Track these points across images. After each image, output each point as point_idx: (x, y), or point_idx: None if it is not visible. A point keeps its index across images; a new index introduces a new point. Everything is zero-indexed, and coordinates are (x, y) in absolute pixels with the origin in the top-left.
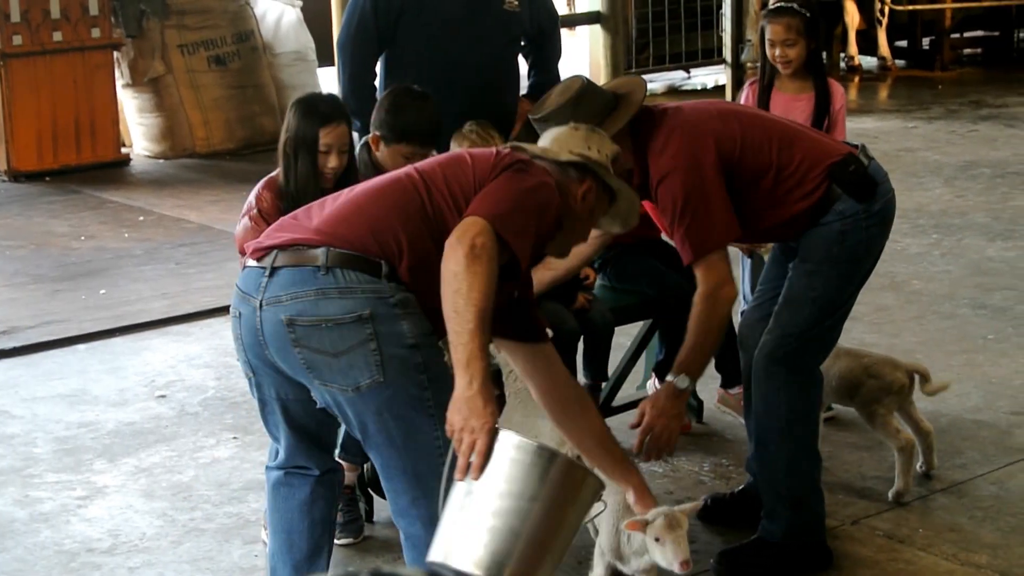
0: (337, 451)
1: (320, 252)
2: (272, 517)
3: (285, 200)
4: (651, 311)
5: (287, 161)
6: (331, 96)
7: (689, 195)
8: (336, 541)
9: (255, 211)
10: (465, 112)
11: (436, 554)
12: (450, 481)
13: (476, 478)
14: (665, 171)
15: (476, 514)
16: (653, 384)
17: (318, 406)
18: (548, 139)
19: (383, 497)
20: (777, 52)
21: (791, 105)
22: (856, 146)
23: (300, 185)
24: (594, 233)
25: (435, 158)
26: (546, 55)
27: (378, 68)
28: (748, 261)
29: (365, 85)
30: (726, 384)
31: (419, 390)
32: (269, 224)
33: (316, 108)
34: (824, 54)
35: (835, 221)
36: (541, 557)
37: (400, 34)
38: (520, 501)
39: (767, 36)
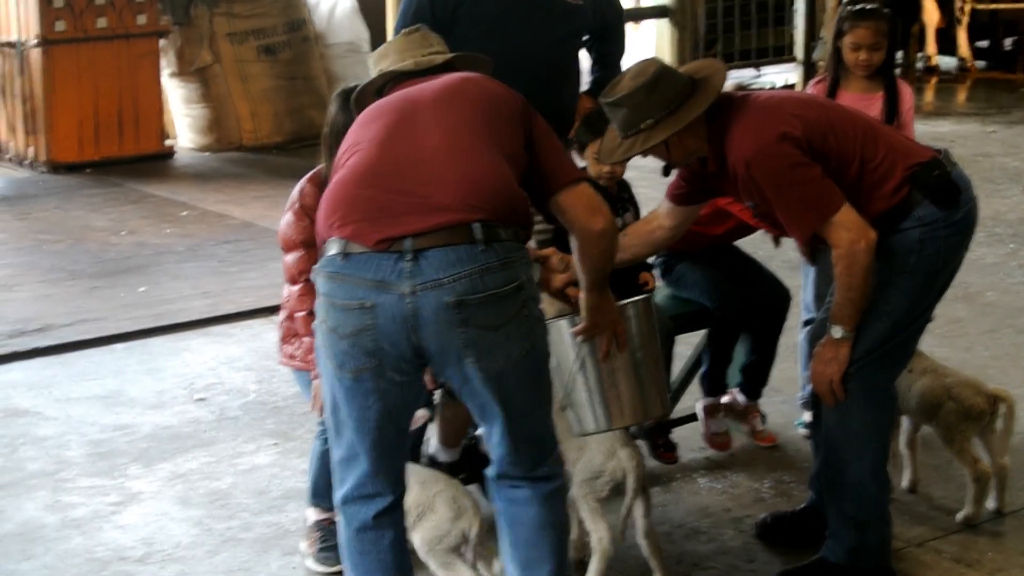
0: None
1: (475, 228)
2: (360, 560)
3: None
4: (712, 320)
5: (328, 154)
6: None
7: (783, 171)
8: (318, 567)
9: (298, 206)
10: None
11: (591, 426)
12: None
13: (623, 350)
14: (750, 154)
15: (625, 376)
16: (700, 409)
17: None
18: (399, 52)
19: None
20: (862, 57)
21: (860, 105)
22: (939, 151)
23: None
24: (644, 230)
25: (482, 104)
26: (609, 50)
27: None
28: (812, 269)
29: None
30: (748, 394)
31: (546, 351)
32: (312, 220)
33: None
34: (900, 53)
35: (914, 228)
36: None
37: (458, 26)
38: (641, 340)
39: (850, 40)
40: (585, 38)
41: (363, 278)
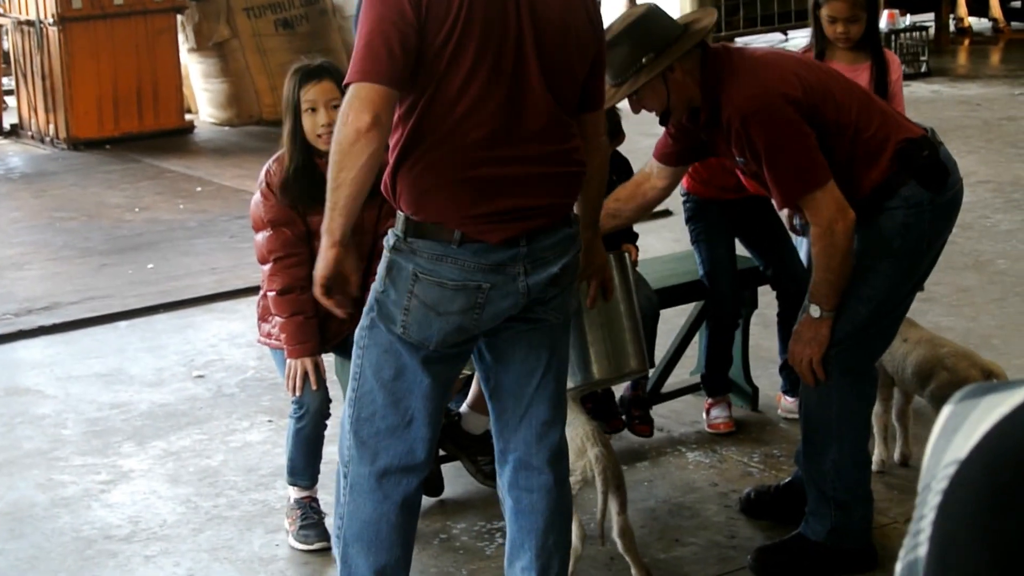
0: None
1: (571, 215)
2: (390, 534)
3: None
4: (700, 293)
5: (292, 130)
6: (326, 61)
7: (778, 133)
8: (299, 545)
9: (264, 185)
10: None
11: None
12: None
13: (610, 298)
14: (748, 108)
15: (613, 328)
16: (705, 414)
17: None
18: None
19: None
20: (839, 29)
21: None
22: (926, 129)
23: (289, 152)
24: (635, 192)
25: (582, 48)
26: None
27: None
28: (805, 241)
29: None
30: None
31: None
32: (277, 198)
33: (301, 70)
34: (934, 15)
35: (899, 208)
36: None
37: None
38: (624, 294)
39: (826, 12)
40: None
41: (480, 263)
